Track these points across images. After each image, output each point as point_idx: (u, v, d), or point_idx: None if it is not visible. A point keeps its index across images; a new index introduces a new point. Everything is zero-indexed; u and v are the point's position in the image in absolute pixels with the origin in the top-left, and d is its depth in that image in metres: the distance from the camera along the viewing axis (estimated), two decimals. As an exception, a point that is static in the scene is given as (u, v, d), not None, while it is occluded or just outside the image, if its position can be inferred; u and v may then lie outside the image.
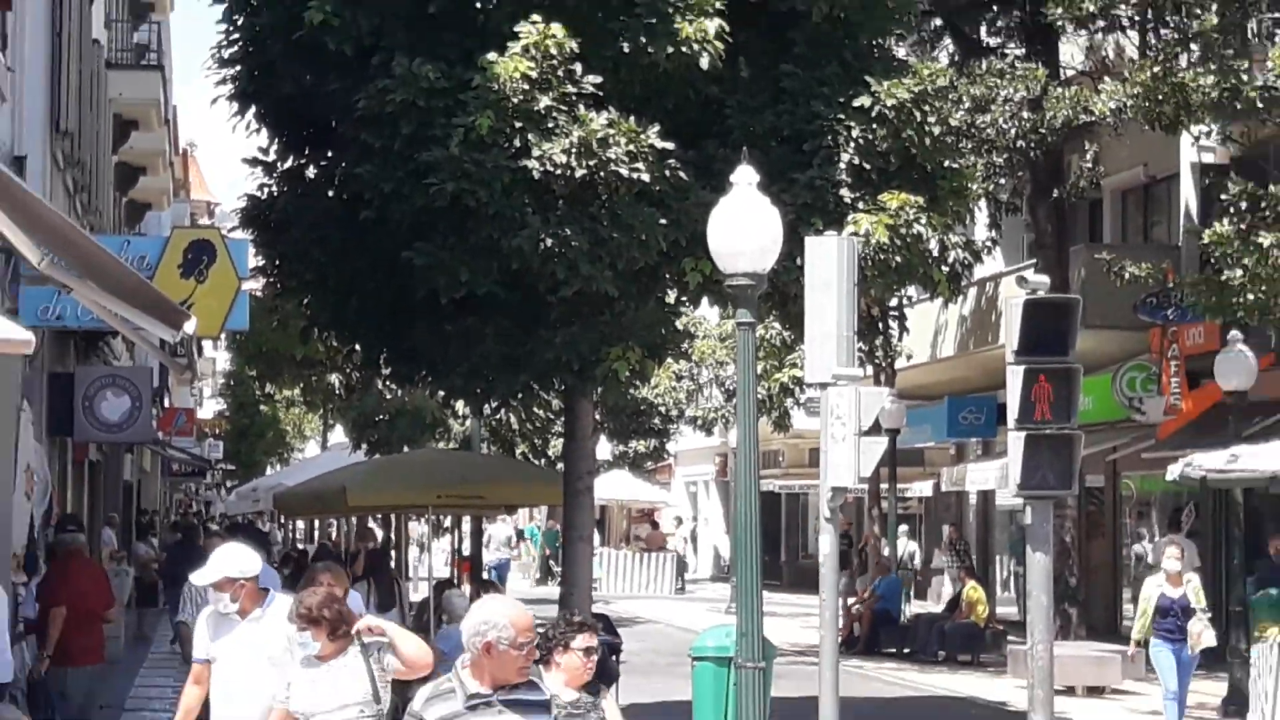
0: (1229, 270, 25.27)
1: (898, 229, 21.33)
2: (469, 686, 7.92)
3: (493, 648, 7.86)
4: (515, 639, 7.87)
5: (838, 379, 15.88)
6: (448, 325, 21.37)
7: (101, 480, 34.00)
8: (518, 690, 8.00)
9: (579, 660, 9.98)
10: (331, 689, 10.54)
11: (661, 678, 24.18)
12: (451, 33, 20.00)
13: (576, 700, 9.98)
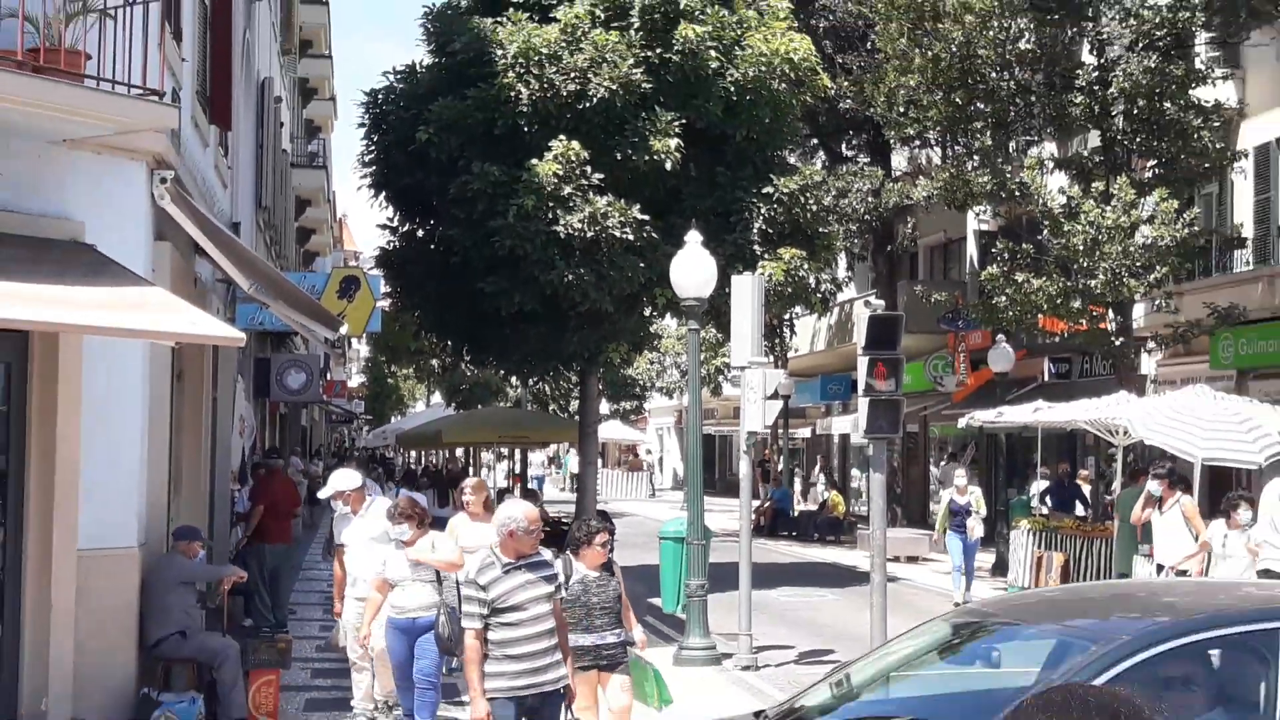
0: (997, 298, 25.40)
1: (789, 271, 21.63)
2: (502, 559, 8.18)
3: (515, 533, 8.20)
4: (527, 527, 8.21)
5: (751, 364, 16.10)
6: (506, 330, 21.58)
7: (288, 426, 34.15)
8: (531, 558, 8.28)
9: (599, 550, 9.69)
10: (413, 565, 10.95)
11: (640, 551, 24.16)
12: (508, 146, 20.14)
13: (599, 575, 9.76)
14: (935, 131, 29.42)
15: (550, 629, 8.23)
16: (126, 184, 10.95)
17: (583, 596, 9.59)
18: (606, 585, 9.75)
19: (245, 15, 21.35)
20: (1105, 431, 21.63)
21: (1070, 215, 24.01)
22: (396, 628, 10.90)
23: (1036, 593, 14.20)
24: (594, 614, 9.60)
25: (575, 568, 9.70)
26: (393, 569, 11.02)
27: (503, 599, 8.05)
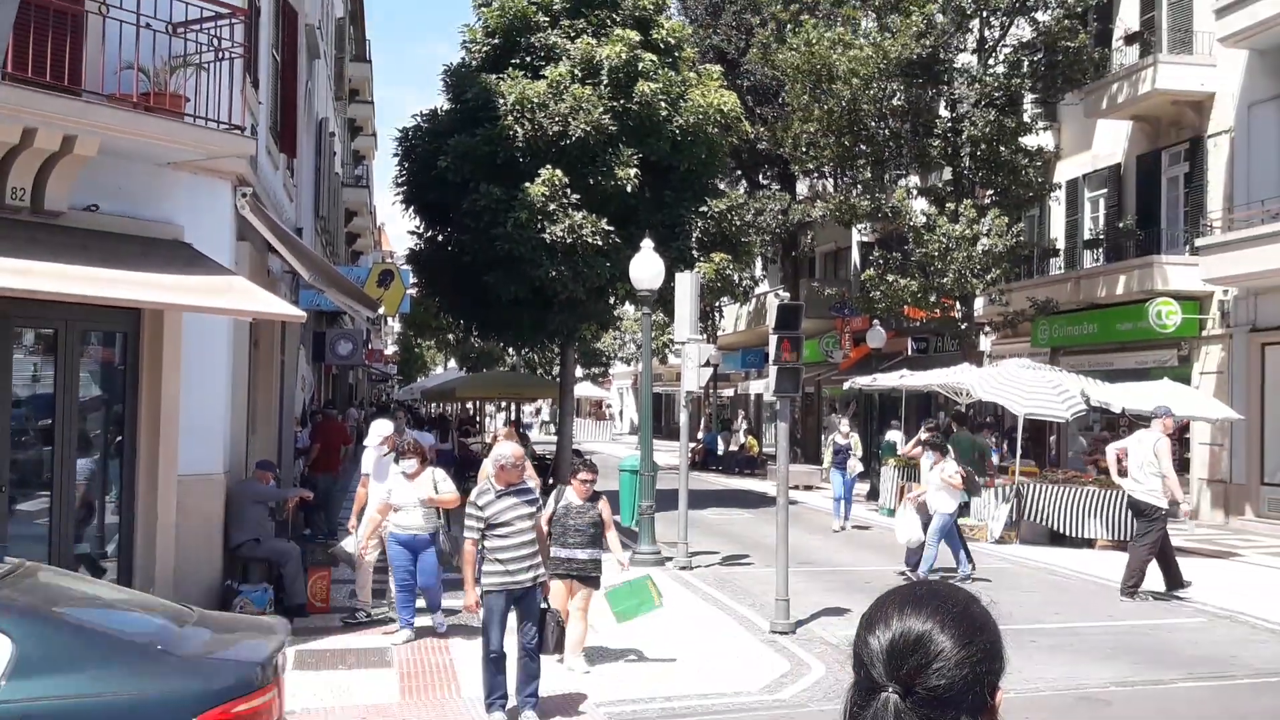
0: (873, 292, 25.50)
1: (719, 271, 21.63)
2: (496, 487, 8.25)
3: (504, 467, 8.25)
4: (513, 462, 8.27)
5: (689, 340, 16.13)
6: (505, 312, 21.46)
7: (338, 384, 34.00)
8: (517, 486, 8.31)
9: (581, 484, 9.56)
10: (414, 492, 10.65)
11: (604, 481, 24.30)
12: (507, 172, 19.97)
13: (581, 504, 9.53)
14: (829, 166, 29.48)
15: (531, 539, 8.28)
16: (215, 197, 11.01)
17: (564, 518, 9.51)
18: (585, 513, 9.52)
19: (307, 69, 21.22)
20: (953, 393, 21.81)
21: (928, 230, 24.12)
22: (399, 541, 10.64)
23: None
24: (569, 534, 9.46)
25: (566, 494, 9.64)
26: (397, 495, 10.69)
27: (495, 517, 8.16)
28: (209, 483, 11.21)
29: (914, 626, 1.75)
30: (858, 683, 1.80)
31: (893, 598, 1.83)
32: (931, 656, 1.73)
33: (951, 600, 1.80)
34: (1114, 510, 18.30)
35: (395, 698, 8.81)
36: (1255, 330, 21.32)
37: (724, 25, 33.91)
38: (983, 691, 1.74)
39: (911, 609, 1.78)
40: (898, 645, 1.74)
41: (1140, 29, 24.92)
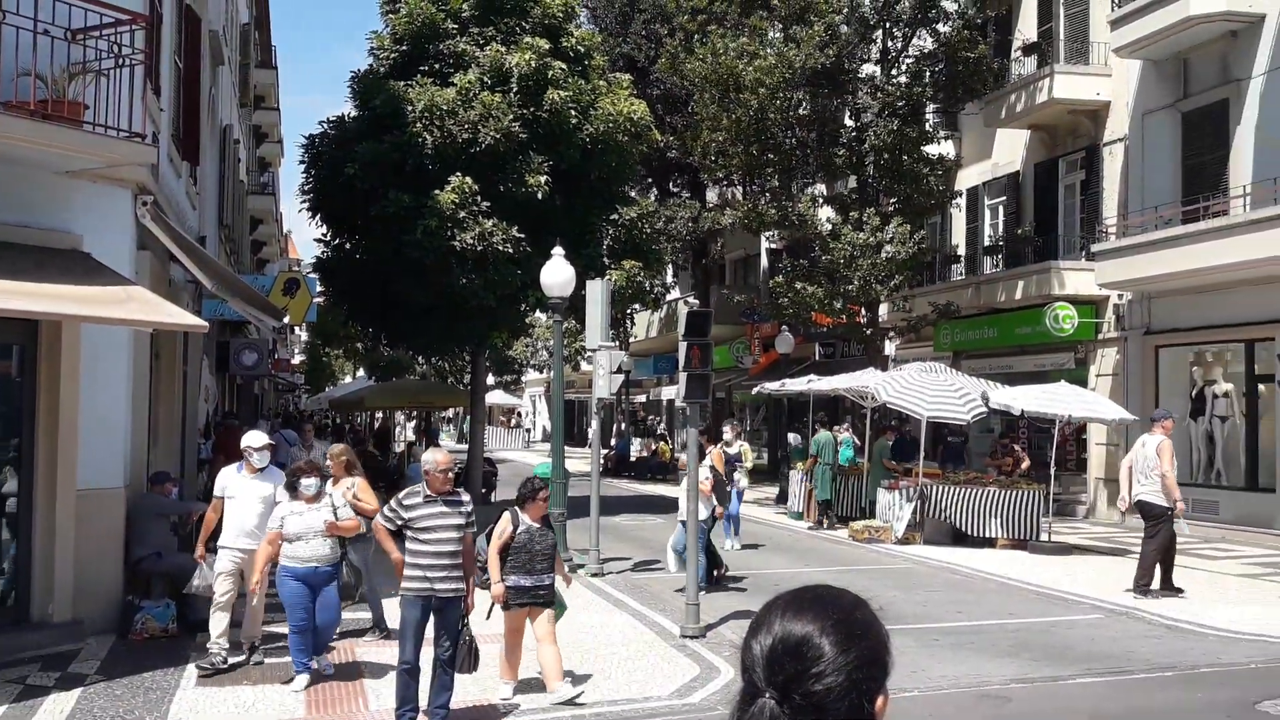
0: (782, 299, 25.79)
1: (630, 278, 21.73)
2: (426, 492, 8.07)
3: (430, 473, 8.08)
4: (436, 469, 8.06)
5: (601, 347, 16.16)
6: (414, 320, 21.31)
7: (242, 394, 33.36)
8: (448, 494, 8.10)
9: (541, 504, 8.86)
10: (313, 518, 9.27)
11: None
12: (416, 179, 19.87)
13: (540, 527, 8.89)
14: (738, 175, 29.79)
15: (454, 552, 8.05)
16: (115, 206, 10.82)
17: (528, 544, 8.81)
18: (546, 536, 8.96)
19: (211, 76, 20.85)
20: (859, 397, 22.07)
21: (834, 238, 24.46)
22: (295, 576, 9.11)
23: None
24: (536, 559, 8.83)
25: (521, 519, 8.88)
26: (293, 523, 9.21)
27: (417, 521, 8.02)
28: (109, 496, 10.99)
29: (794, 631, 1.74)
30: (742, 689, 1.79)
31: (778, 602, 1.82)
32: (809, 662, 1.72)
33: (834, 605, 1.79)
34: (1014, 510, 18.73)
35: (301, 712, 8.70)
36: (1149, 333, 21.97)
37: (633, 34, 34.06)
38: (860, 699, 1.73)
39: (794, 614, 1.77)
40: (777, 650, 1.73)
41: (1038, 40, 25.55)
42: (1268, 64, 19.27)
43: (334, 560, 9.40)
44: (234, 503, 9.98)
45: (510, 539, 8.79)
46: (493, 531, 8.88)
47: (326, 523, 9.28)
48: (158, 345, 13.81)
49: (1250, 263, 17.88)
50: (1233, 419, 20.53)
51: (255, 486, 10.06)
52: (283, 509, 9.36)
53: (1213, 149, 20.54)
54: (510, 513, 8.95)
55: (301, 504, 9.33)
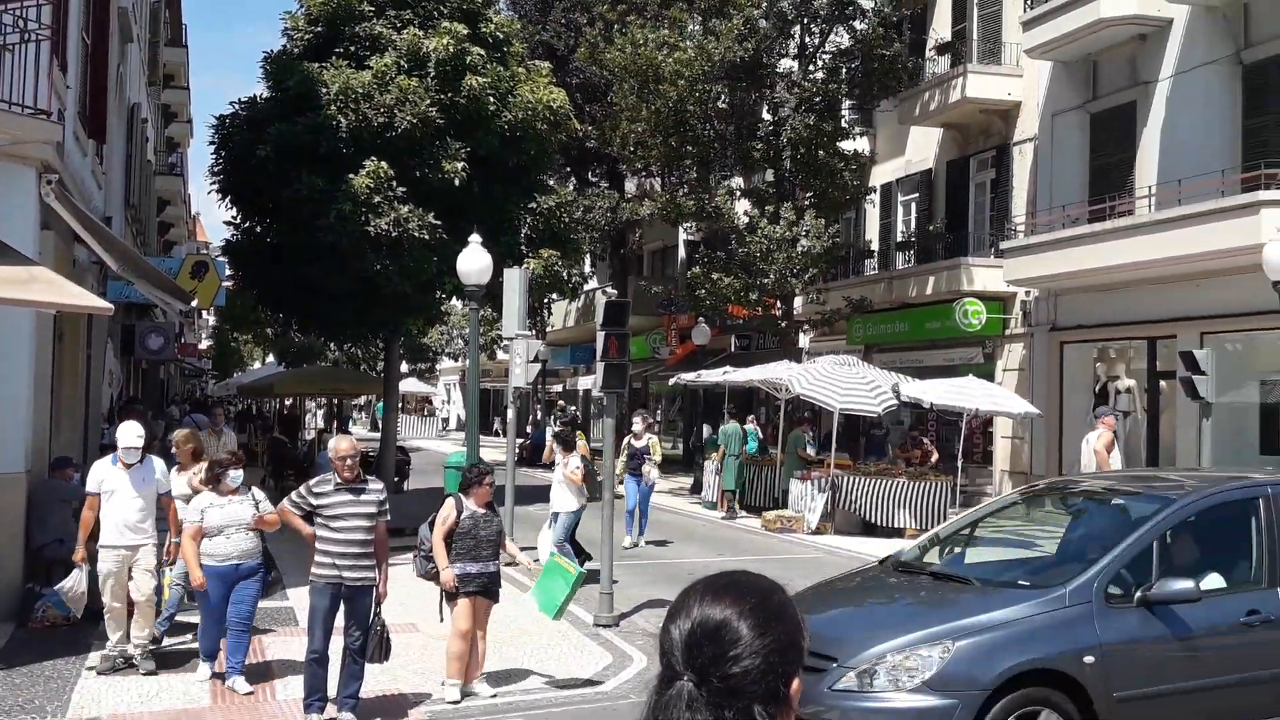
0: (699, 290, 25.94)
1: (548, 267, 21.70)
2: (335, 480, 7.99)
3: (333, 460, 8.04)
4: (339, 456, 7.98)
5: (518, 335, 16.12)
6: (327, 306, 21.00)
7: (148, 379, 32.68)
8: (355, 482, 8.02)
9: (486, 489, 8.65)
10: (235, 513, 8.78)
11: (430, 477, 24.01)
12: (330, 163, 19.56)
13: (485, 513, 8.68)
14: (656, 166, 29.83)
15: (366, 540, 7.98)
16: (19, 184, 10.52)
17: (473, 530, 8.60)
18: (491, 521, 8.74)
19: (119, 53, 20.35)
20: (773, 389, 22.28)
21: (751, 230, 24.64)
22: (216, 575, 8.64)
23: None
24: (482, 545, 8.61)
25: (466, 505, 8.66)
26: (214, 516, 8.70)
27: (326, 508, 7.95)
28: (9, 482, 10.77)
29: (712, 615, 1.77)
30: (661, 673, 1.81)
31: (695, 588, 1.86)
32: (726, 645, 1.75)
33: (751, 590, 1.83)
34: (922, 501, 19.07)
35: (207, 701, 8.56)
36: (1055, 329, 22.47)
37: (553, 22, 33.92)
38: (776, 681, 1.76)
39: (711, 598, 1.81)
40: (695, 634, 1.76)
41: (952, 39, 25.97)
42: (1175, 67, 19.79)
43: (256, 555, 8.87)
44: (112, 498, 9.13)
45: (455, 525, 8.58)
46: (436, 519, 8.72)
47: (254, 517, 8.80)
48: (61, 327, 13.49)
49: (1153, 262, 18.37)
50: (1135, 414, 21.10)
51: (134, 479, 9.12)
52: (202, 500, 8.82)
53: (1120, 150, 21.06)
54: (454, 498, 8.78)
55: (223, 496, 8.80)
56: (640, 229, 36.68)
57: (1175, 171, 19.16)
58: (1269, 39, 17.97)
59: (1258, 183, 16.81)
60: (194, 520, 8.72)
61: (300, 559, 8.80)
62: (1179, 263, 17.97)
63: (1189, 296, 18.77)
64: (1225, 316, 18.09)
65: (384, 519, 8.19)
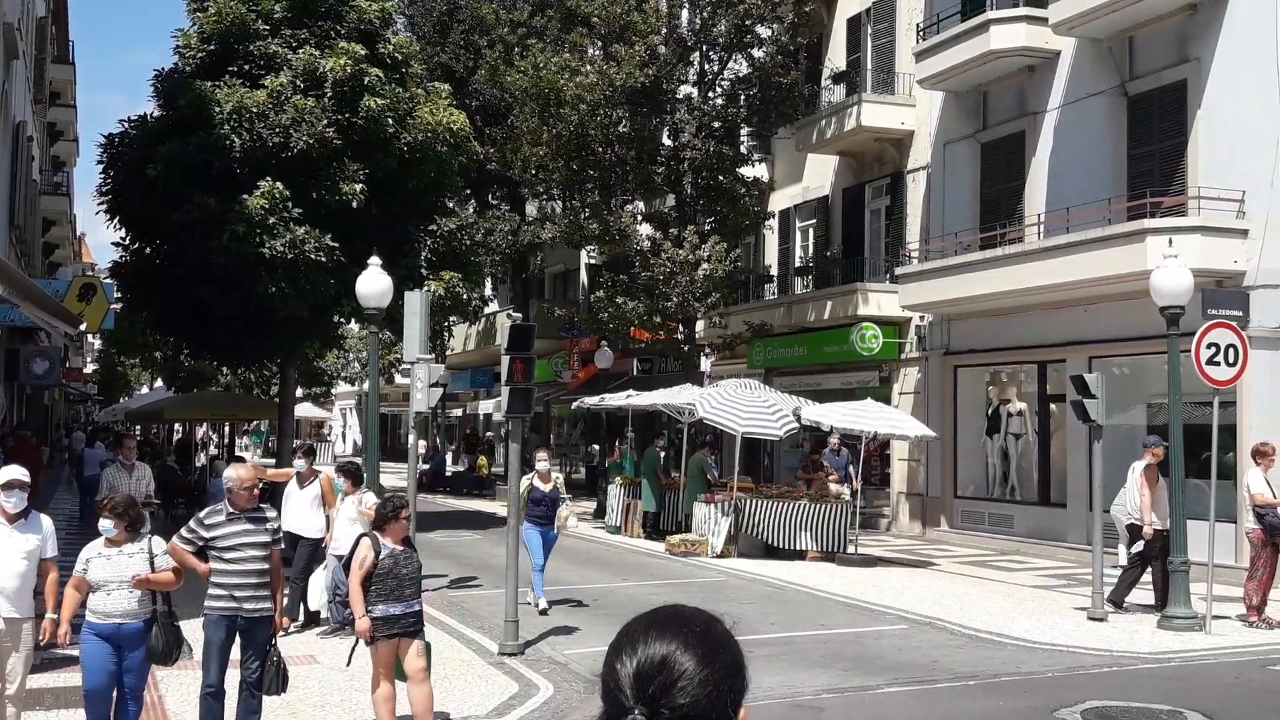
0: (602, 314, 25.91)
1: (449, 289, 21.44)
2: (227, 509, 7.67)
3: (232, 490, 7.67)
4: (243, 484, 7.65)
5: (419, 359, 15.84)
6: (220, 329, 20.58)
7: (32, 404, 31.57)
8: (251, 511, 7.70)
9: (403, 524, 8.11)
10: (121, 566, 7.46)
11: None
12: (224, 183, 19.23)
13: (404, 550, 8.09)
14: (558, 189, 29.77)
15: (263, 570, 7.68)
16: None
17: (394, 569, 8.03)
18: (411, 558, 8.19)
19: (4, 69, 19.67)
20: (676, 412, 22.28)
21: (654, 254, 24.68)
22: (98, 633, 7.39)
23: None
24: (404, 585, 8.06)
25: (383, 543, 8.06)
26: (96, 570, 7.43)
27: (220, 540, 7.63)
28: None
29: (658, 650, 1.80)
30: (605, 710, 1.81)
31: (638, 624, 1.88)
32: (676, 677, 1.78)
33: (694, 622, 1.87)
34: (823, 523, 19.21)
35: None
36: (948, 354, 22.88)
37: (452, 44, 33.71)
38: (726, 708, 1.80)
39: (656, 633, 1.83)
40: (644, 668, 1.78)
41: (847, 69, 26.39)
42: (1062, 98, 20.35)
43: (144, 616, 7.52)
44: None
45: (373, 566, 7.99)
46: (351, 561, 8.15)
47: (134, 576, 7.41)
48: (-63, 352, 12.87)
49: (1043, 288, 18.81)
50: (1026, 436, 21.54)
51: (13, 538, 7.54)
52: (90, 549, 7.57)
53: (1010, 178, 21.56)
54: (370, 538, 8.18)
55: (111, 547, 7.50)
56: (542, 252, 36.58)
57: (1063, 199, 19.66)
58: (1152, 71, 18.58)
59: (1143, 210, 17.33)
60: (78, 571, 7.52)
61: (192, 591, 8.43)
62: (1068, 289, 18.41)
63: (1078, 322, 19.26)
64: (1113, 341, 18.59)
65: (278, 547, 7.94)
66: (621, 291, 25.46)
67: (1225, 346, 12.94)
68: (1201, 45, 17.63)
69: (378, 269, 15.67)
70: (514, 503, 11.90)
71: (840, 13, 26.83)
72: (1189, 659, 11.51)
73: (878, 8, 25.59)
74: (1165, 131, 18.30)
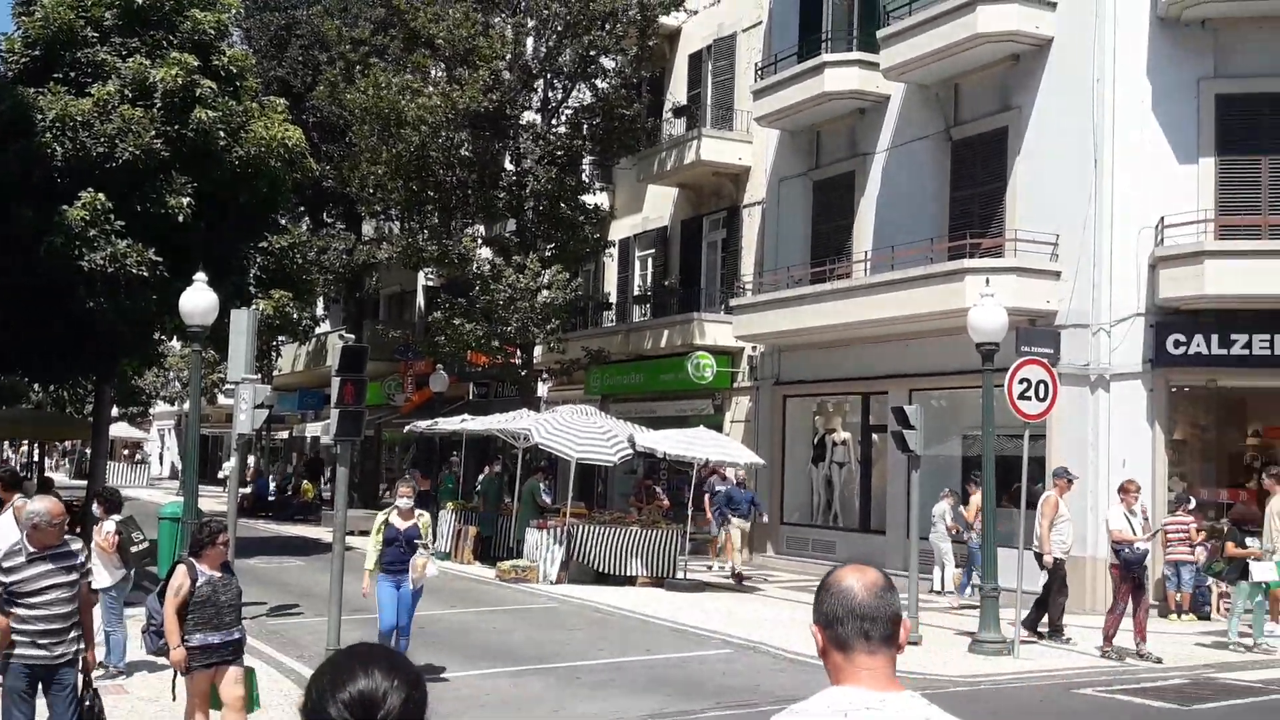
0: (438, 336, 25.69)
1: (278, 308, 20.94)
2: (29, 549, 6.98)
3: (38, 526, 6.97)
4: (50, 520, 6.98)
5: (244, 380, 15.44)
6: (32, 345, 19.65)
7: None
8: (56, 549, 7.04)
9: (221, 549, 7.82)
10: None
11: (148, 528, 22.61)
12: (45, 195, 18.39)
13: (222, 575, 7.78)
14: (397, 209, 29.42)
15: (70, 611, 7.09)
16: None
17: (212, 596, 7.70)
18: (230, 584, 7.88)
19: None
20: (512, 437, 22.19)
21: (494, 279, 24.59)
22: None
23: None
24: (223, 612, 7.74)
25: (200, 570, 7.70)
26: None
27: (21, 585, 6.96)
28: None
29: (370, 683, 2.05)
30: None
31: (347, 661, 2.11)
32: (385, 703, 2.03)
33: (394, 656, 2.16)
34: (653, 549, 19.38)
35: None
36: (778, 383, 23.41)
37: (290, 59, 33.05)
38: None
39: (362, 667, 2.08)
40: (367, 697, 2.03)
41: (688, 103, 26.88)
42: (890, 141, 21.12)
43: None
44: None
45: (190, 594, 7.64)
46: (166, 589, 7.75)
47: None
48: None
49: (868, 323, 19.44)
50: (849, 465, 22.18)
51: None
52: None
53: (840, 216, 22.24)
54: (185, 564, 7.80)
55: None
56: (378, 272, 36.07)
57: (890, 238, 20.39)
58: (976, 117, 19.45)
59: (963, 251, 18.10)
60: None
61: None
62: (892, 324, 19.07)
63: (900, 355, 19.96)
64: (933, 374, 19.31)
65: (86, 580, 7.38)
66: (460, 314, 25.27)
67: (1036, 382, 13.56)
68: (1022, 95, 18.56)
69: (203, 285, 15.24)
70: (339, 529, 11.66)
71: (683, 48, 27.32)
72: (997, 682, 11.98)
73: (719, 45, 26.15)
74: (986, 175, 19.17)
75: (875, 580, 2.39)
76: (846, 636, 2.34)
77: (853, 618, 2.34)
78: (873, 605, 2.34)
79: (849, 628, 2.34)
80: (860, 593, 2.36)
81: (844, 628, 2.34)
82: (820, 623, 2.39)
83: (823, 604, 2.40)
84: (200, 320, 15.16)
